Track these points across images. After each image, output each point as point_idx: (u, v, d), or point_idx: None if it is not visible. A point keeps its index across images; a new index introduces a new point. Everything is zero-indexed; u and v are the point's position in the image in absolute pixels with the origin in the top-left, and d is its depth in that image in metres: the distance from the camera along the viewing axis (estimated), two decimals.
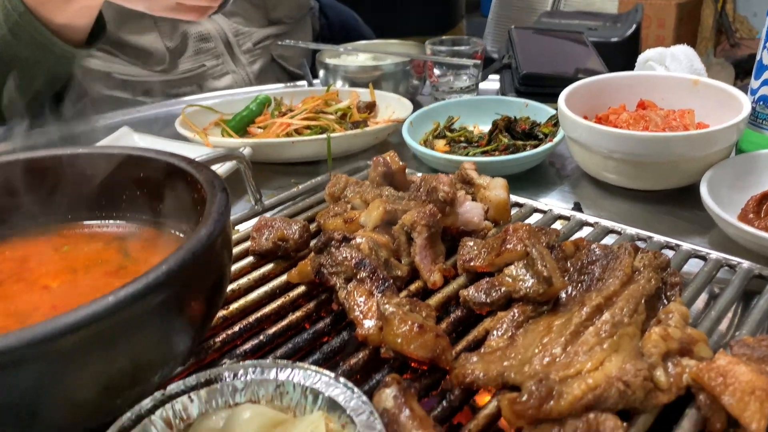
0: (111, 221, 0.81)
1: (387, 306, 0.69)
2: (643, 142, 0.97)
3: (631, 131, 1.01)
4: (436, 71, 1.55)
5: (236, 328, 0.75)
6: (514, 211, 0.99)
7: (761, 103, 1.03)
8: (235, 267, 0.88)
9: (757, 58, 1.04)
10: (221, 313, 0.78)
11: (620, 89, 1.19)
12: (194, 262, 0.54)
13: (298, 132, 1.28)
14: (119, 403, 0.54)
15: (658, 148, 0.97)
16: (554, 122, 1.22)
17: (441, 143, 1.27)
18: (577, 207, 1.03)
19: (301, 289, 0.82)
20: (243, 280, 0.85)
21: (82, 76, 1.65)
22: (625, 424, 0.57)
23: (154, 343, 0.53)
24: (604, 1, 4.01)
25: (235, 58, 1.77)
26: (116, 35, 1.65)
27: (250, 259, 0.90)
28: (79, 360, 0.47)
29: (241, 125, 1.34)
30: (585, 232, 0.93)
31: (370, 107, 1.40)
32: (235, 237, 0.96)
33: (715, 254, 0.84)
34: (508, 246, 0.78)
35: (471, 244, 0.85)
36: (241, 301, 0.80)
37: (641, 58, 1.43)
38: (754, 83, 1.04)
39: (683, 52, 1.41)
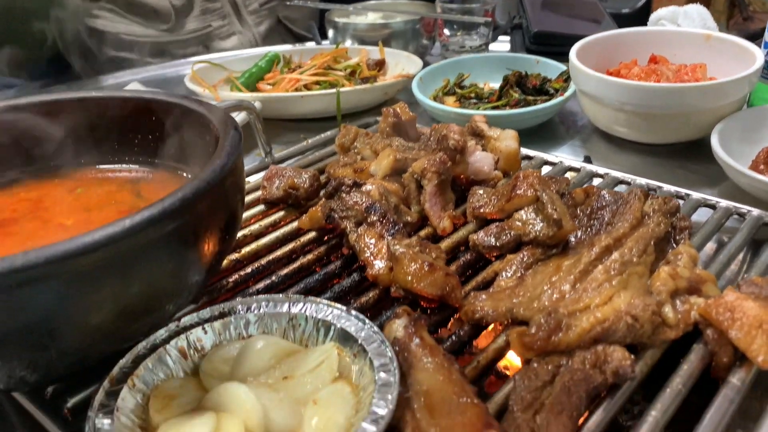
0: (124, 165, 0.81)
1: (397, 246, 0.70)
2: (655, 93, 0.97)
3: (642, 82, 1.00)
4: (446, 31, 1.53)
5: (248, 270, 0.76)
6: (524, 163, 0.99)
7: None
8: (246, 215, 0.89)
9: None
10: (233, 255, 0.79)
11: (632, 45, 1.18)
12: (208, 191, 0.54)
13: (307, 87, 1.27)
14: (135, 328, 0.55)
15: (670, 100, 0.96)
16: (565, 78, 1.21)
17: (451, 100, 1.26)
18: (587, 160, 1.03)
19: (312, 234, 0.83)
20: (254, 227, 0.85)
21: (89, 37, 1.65)
22: (632, 356, 0.57)
23: (168, 269, 0.53)
24: None
25: (242, 18, 1.76)
26: None
27: (261, 207, 0.91)
28: (96, 281, 0.48)
29: (251, 82, 1.34)
30: (595, 183, 0.93)
31: (380, 64, 1.39)
32: (246, 187, 0.96)
33: (724, 203, 0.84)
34: (518, 191, 0.78)
35: (481, 192, 0.85)
36: (253, 245, 0.81)
37: (653, 16, 1.42)
38: None
39: (696, 10, 1.39)
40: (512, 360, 0.67)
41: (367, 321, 0.59)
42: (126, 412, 0.52)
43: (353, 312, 0.61)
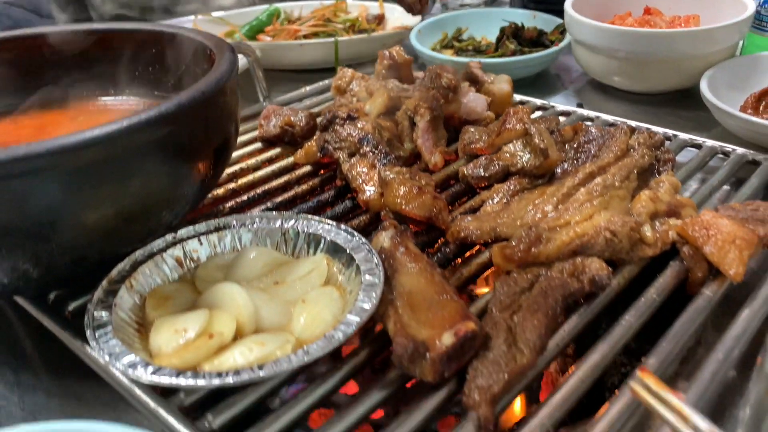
0: (123, 98, 0.83)
1: (388, 173, 0.72)
2: (646, 38, 0.98)
3: (634, 28, 1.01)
4: None
5: (244, 197, 0.78)
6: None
7: (767, 6, 1.03)
8: (243, 151, 0.91)
9: None
10: (230, 185, 0.81)
11: None
12: (203, 101, 0.57)
13: (307, 38, 1.29)
14: (132, 231, 0.58)
15: (661, 46, 0.98)
16: (561, 30, 1.22)
17: (449, 53, 1.28)
18: (580, 107, 1.04)
19: (307, 168, 0.86)
20: (251, 161, 0.88)
21: None
22: (610, 269, 0.60)
23: (163, 172, 0.56)
24: None
25: None
26: None
27: (258, 145, 0.93)
28: (95, 176, 0.51)
29: (251, 34, 1.35)
30: None
31: (379, 19, 1.40)
32: (243, 127, 0.99)
33: (710, 142, 0.86)
34: (508, 126, 0.80)
35: (473, 130, 0.87)
36: (250, 177, 0.83)
37: None
38: None
39: None
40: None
41: (355, 234, 0.62)
42: (123, 308, 0.55)
43: (342, 226, 0.63)
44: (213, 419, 0.48)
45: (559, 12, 1.18)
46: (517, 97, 1.03)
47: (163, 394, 0.51)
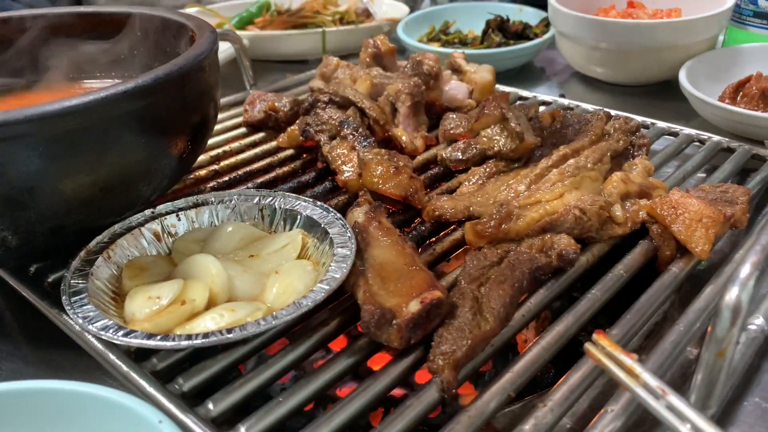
0: (109, 81, 0.85)
1: (367, 154, 0.74)
2: (627, 29, 1.00)
3: (615, 19, 1.03)
4: None
5: (226, 178, 0.80)
6: None
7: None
8: (227, 135, 0.92)
9: None
10: (213, 167, 0.82)
11: None
12: (180, 75, 0.58)
13: (295, 29, 1.30)
14: (110, 203, 0.59)
15: (641, 36, 1.00)
16: (545, 23, 1.24)
17: (436, 45, 1.29)
18: (562, 98, 1.06)
19: (290, 152, 0.87)
20: (234, 145, 0.89)
21: None
22: (579, 246, 0.61)
23: (140, 144, 0.57)
24: None
25: None
26: None
27: (242, 130, 0.95)
28: (72, 145, 0.52)
29: (241, 25, 1.37)
30: None
31: (368, 13, 1.42)
32: (228, 113, 1.00)
33: (687, 130, 0.88)
34: (486, 111, 0.81)
35: (453, 116, 0.88)
36: (232, 160, 0.85)
37: None
38: None
39: None
40: None
41: (331, 209, 0.63)
42: (100, 277, 0.56)
43: (318, 203, 0.64)
44: (183, 383, 0.49)
45: (545, 6, 1.20)
46: (500, 87, 1.04)
47: (137, 359, 0.52)
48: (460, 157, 0.79)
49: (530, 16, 1.30)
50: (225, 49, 1.13)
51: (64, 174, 0.53)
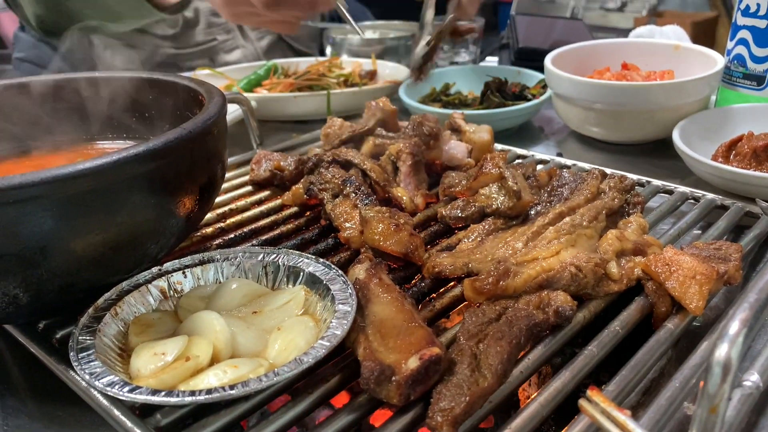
0: (121, 142, 0.88)
1: (368, 211, 0.76)
2: (622, 91, 1.03)
3: (610, 81, 1.07)
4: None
5: (231, 235, 0.82)
6: None
7: (735, 61, 1.09)
8: (233, 194, 0.95)
9: (732, 20, 1.09)
10: (219, 225, 0.85)
11: (605, 54, 1.25)
12: (189, 139, 0.61)
13: (301, 91, 1.35)
14: (119, 261, 0.60)
15: (636, 98, 1.03)
16: (543, 85, 1.28)
17: (436, 106, 1.33)
18: (559, 156, 1.09)
19: (294, 209, 0.89)
20: (241, 203, 0.92)
21: (100, 49, 1.73)
22: (575, 302, 0.62)
23: (149, 205, 0.59)
24: (620, 18, 4.10)
25: (245, 33, 1.84)
26: None
27: (248, 188, 0.97)
28: (85, 206, 0.54)
29: (249, 87, 1.42)
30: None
31: (371, 75, 1.47)
32: (235, 172, 1.03)
33: (682, 188, 0.90)
34: (484, 170, 0.84)
35: (453, 174, 0.91)
36: (238, 217, 0.87)
37: (632, 34, 1.50)
38: (730, 44, 1.10)
39: (672, 30, 1.47)
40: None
41: (332, 266, 0.65)
42: (107, 334, 0.58)
43: (321, 260, 0.66)
44: None
45: (542, 68, 1.24)
46: (499, 147, 1.07)
47: (141, 415, 0.53)
48: (460, 214, 0.81)
49: (528, 78, 1.35)
50: (234, 110, 1.18)
51: (76, 234, 0.55)
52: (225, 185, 0.97)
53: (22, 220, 0.52)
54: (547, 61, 1.16)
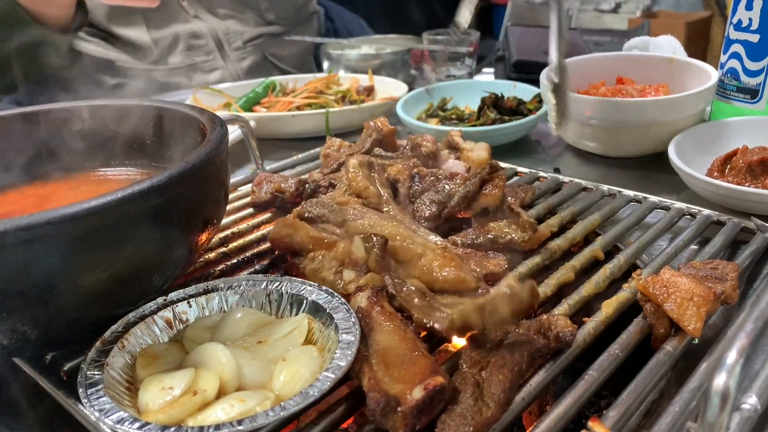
0: (123, 169, 0.89)
1: None
2: (617, 107, 1.05)
3: (605, 97, 1.08)
4: (433, 62, 1.63)
5: (234, 260, 0.83)
6: None
7: (729, 75, 1.10)
8: (235, 216, 0.96)
9: (725, 33, 1.11)
10: (221, 249, 0.86)
11: (600, 68, 1.26)
12: (193, 173, 0.62)
13: (300, 110, 1.36)
14: (125, 294, 0.61)
15: (631, 113, 1.04)
16: (539, 99, 1.29)
17: (434, 122, 1.34)
18: (557, 172, 1.10)
19: None
20: (243, 226, 0.92)
21: (87, 65, 1.74)
22: (575, 326, 0.63)
23: (154, 239, 0.60)
24: (614, 19, 4.11)
25: (225, 55, 1.84)
26: (106, 26, 1.74)
27: (250, 210, 0.98)
28: (91, 243, 0.55)
29: (248, 106, 1.43)
30: (561, 190, 0.99)
31: (369, 90, 1.48)
32: (236, 194, 1.04)
33: (678, 204, 0.91)
34: (484, 191, 0.85)
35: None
36: (240, 241, 0.88)
37: (626, 45, 1.51)
38: (723, 57, 1.11)
39: (666, 40, 1.48)
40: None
41: (336, 294, 0.66)
42: (114, 367, 0.58)
43: (323, 288, 0.67)
44: None
45: (538, 82, 1.25)
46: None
47: None
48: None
49: (524, 92, 1.36)
50: (233, 130, 1.19)
51: (83, 270, 0.56)
52: (227, 208, 0.97)
53: (30, 259, 0.53)
54: (543, 77, 1.17)
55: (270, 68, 1.95)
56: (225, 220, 0.94)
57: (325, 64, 1.72)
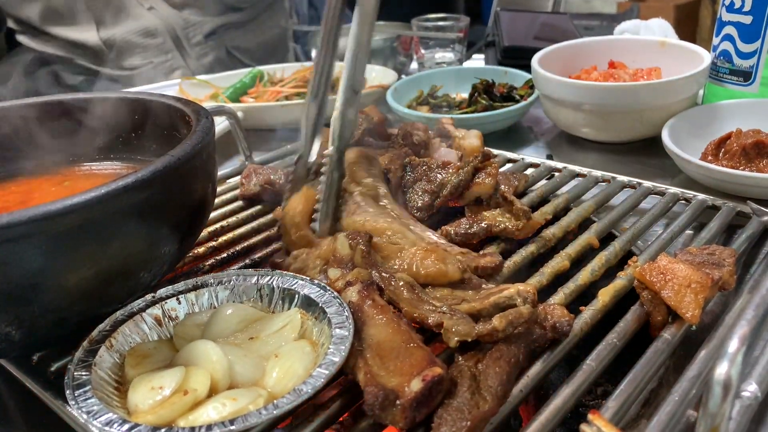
0: (108, 163, 0.87)
1: None
2: (609, 91, 1.03)
3: (597, 82, 1.07)
4: (422, 48, 1.61)
5: (224, 255, 0.81)
6: None
7: (721, 57, 1.09)
8: (224, 209, 0.94)
9: (718, 15, 1.10)
10: (211, 243, 0.84)
11: (592, 53, 1.25)
12: (178, 167, 0.60)
13: (288, 99, 1.34)
14: (112, 292, 0.60)
15: (623, 98, 1.03)
16: (530, 85, 1.28)
17: (424, 109, 1.33)
18: (549, 158, 1.08)
19: None
20: (232, 219, 0.91)
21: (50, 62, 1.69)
22: (572, 315, 0.62)
23: (140, 235, 0.58)
24: (604, 3, 4.09)
25: (184, 52, 1.76)
26: (41, 27, 1.66)
27: (239, 203, 0.97)
28: (75, 240, 0.53)
29: (235, 96, 1.40)
30: (554, 177, 0.98)
31: None
32: (225, 187, 1.02)
33: (673, 189, 0.90)
34: (477, 179, 0.83)
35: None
36: (230, 235, 0.86)
37: (617, 29, 1.50)
38: (715, 40, 1.10)
39: (657, 23, 1.47)
40: None
41: (328, 288, 0.64)
42: (103, 367, 0.57)
43: (315, 281, 0.66)
44: None
45: (529, 67, 1.24)
46: (488, 150, 1.07)
47: None
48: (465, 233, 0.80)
49: (515, 77, 1.34)
50: (220, 121, 1.17)
51: (67, 269, 0.54)
52: (215, 201, 0.96)
53: (12, 258, 0.51)
54: (534, 62, 1.15)
55: (235, 64, 1.86)
56: (214, 214, 0.93)
57: (313, 52, 1.70)
